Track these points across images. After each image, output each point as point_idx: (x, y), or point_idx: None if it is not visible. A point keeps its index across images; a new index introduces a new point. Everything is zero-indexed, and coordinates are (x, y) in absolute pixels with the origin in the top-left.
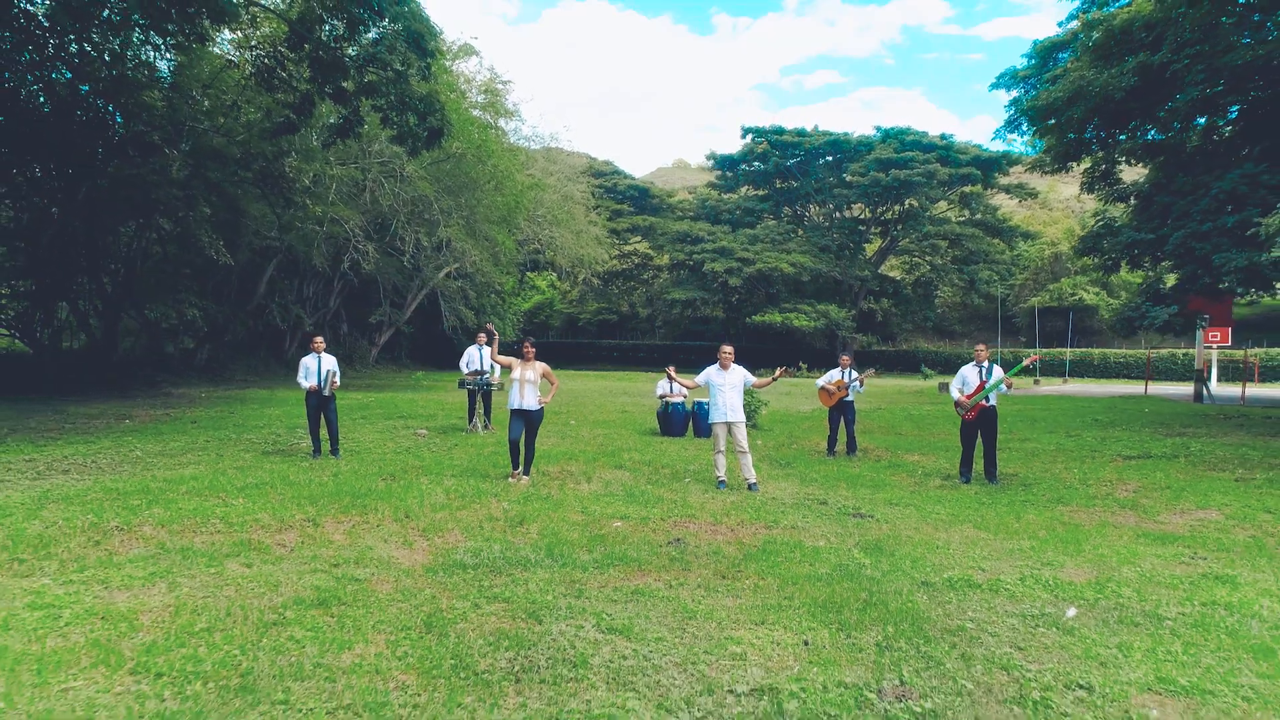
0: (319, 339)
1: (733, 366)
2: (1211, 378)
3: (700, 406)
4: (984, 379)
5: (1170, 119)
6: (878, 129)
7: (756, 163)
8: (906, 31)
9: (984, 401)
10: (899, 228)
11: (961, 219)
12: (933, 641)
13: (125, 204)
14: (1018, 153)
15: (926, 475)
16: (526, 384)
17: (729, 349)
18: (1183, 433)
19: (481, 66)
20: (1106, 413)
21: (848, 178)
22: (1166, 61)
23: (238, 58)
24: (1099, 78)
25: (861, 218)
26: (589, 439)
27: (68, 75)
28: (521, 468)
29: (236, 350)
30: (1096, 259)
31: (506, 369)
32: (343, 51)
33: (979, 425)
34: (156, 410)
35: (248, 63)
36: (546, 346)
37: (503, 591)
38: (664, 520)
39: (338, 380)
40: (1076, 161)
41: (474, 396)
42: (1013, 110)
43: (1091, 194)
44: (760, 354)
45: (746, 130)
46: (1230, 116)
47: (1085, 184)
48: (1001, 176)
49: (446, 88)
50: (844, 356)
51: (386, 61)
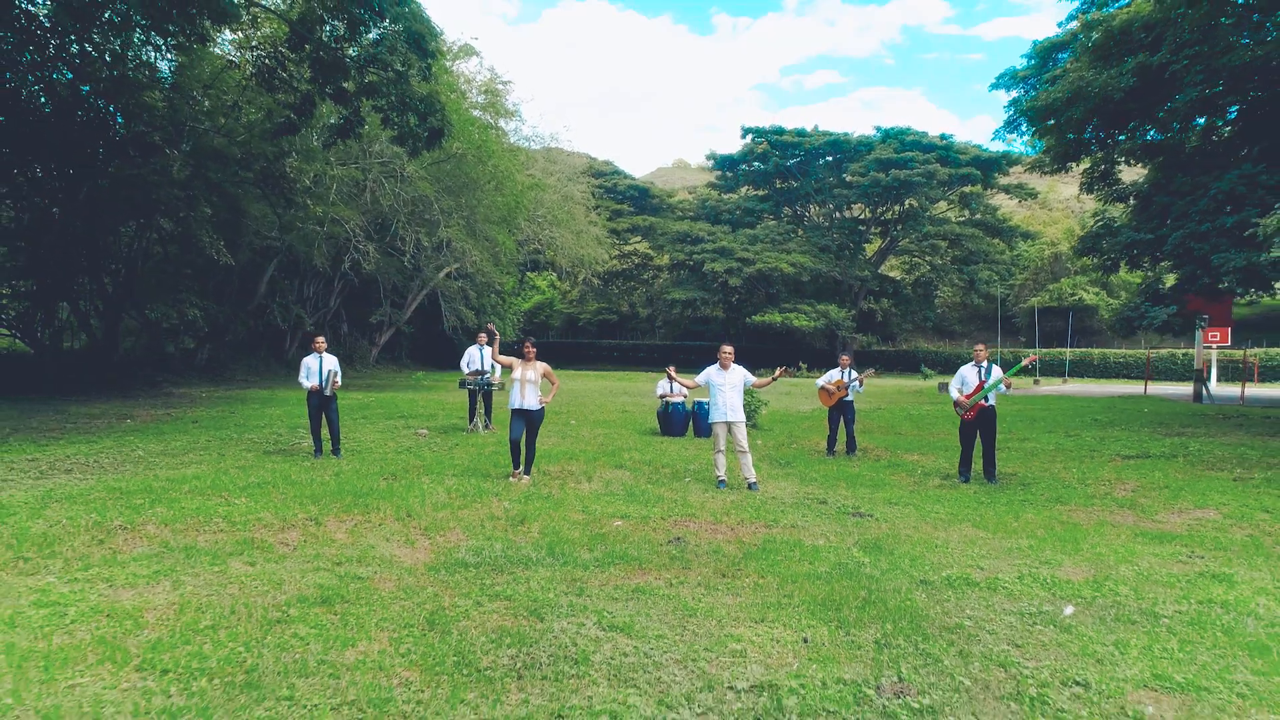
0: (320, 339)
1: (733, 366)
2: (1211, 378)
3: (700, 406)
4: (983, 379)
5: (1169, 119)
6: (878, 129)
7: (756, 163)
8: (906, 31)
9: (983, 401)
10: (899, 228)
11: (961, 219)
12: (931, 639)
13: (126, 204)
14: (1017, 153)
15: (926, 475)
16: (527, 384)
17: (729, 349)
18: (1181, 432)
19: (482, 67)
20: (1105, 412)
21: (848, 178)
22: (1166, 62)
23: (238, 58)
24: (1098, 78)
25: (861, 218)
26: (589, 439)
27: (69, 76)
28: (522, 467)
29: (237, 350)
30: (1096, 259)
31: (507, 369)
32: (343, 52)
33: (978, 425)
34: (158, 410)
35: (248, 63)
36: (547, 346)
37: (504, 589)
38: (664, 519)
39: (339, 380)
40: (1076, 162)
41: (475, 396)
42: (1012, 110)
43: (1091, 194)
44: (760, 354)
45: (746, 130)
46: (1229, 117)
47: (1085, 184)
48: (1001, 177)
49: (447, 88)
50: (844, 356)
51: (387, 62)
